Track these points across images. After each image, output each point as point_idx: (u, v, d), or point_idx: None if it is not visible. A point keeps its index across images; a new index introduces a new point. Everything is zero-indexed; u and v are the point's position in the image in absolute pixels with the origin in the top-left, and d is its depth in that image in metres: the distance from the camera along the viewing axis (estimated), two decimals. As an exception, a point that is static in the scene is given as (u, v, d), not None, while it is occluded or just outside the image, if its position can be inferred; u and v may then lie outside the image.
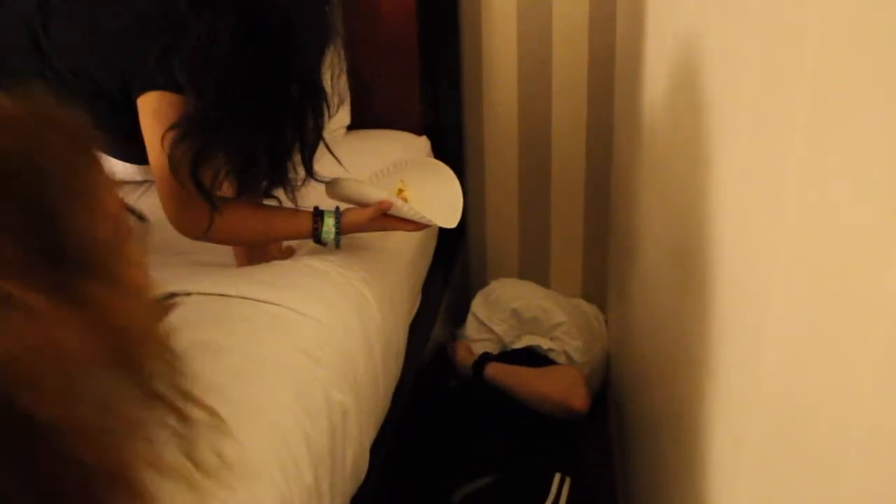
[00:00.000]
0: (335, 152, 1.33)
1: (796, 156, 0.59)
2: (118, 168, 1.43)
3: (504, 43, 2.07)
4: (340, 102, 1.33)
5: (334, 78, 1.28)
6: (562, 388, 1.78)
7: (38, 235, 0.61)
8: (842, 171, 0.51)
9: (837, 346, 0.52)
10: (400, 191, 1.40)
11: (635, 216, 1.61)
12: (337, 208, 1.35)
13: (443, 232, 1.92)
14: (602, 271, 2.26)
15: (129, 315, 0.66)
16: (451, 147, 2.10)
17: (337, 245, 1.36)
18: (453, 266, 2.09)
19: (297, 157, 1.27)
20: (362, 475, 1.23)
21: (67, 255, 0.62)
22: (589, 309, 2.23)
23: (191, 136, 1.15)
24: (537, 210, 2.25)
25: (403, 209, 1.32)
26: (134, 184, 1.70)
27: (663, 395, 1.24)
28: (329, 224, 1.33)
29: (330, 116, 1.29)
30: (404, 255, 1.59)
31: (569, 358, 2.02)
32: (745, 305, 0.76)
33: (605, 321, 2.21)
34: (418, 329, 1.65)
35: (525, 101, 2.13)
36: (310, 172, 1.30)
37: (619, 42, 1.93)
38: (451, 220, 1.37)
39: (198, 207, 1.23)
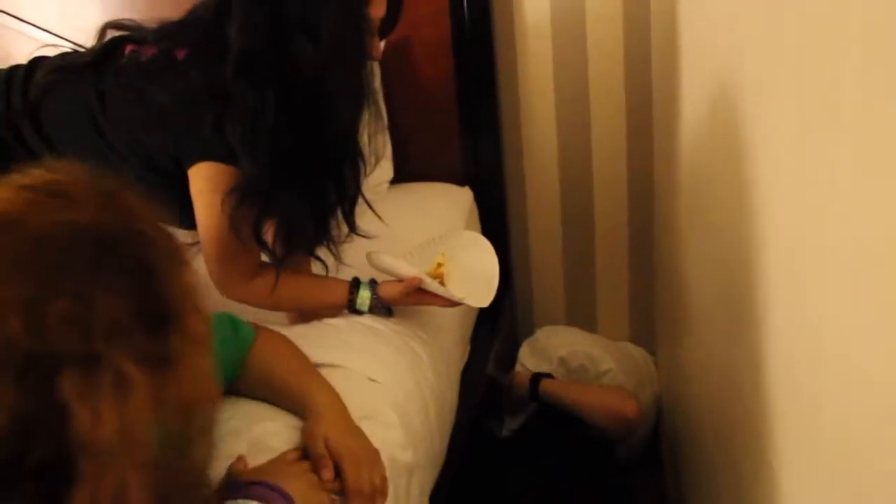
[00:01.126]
0: (378, 206, 1.38)
1: (841, 198, 0.59)
2: None
3: (542, 92, 2.10)
4: (377, 160, 1.38)
5: (371, 136, 1.33)
6: (613, 398, 1.86)
7: (142, 298, 0.66)
8: (891, 209, 0.50)
9: (894, 393, 0.51)
10: (439, 265, 1.42)
11: (680, 259, 1.60)
12: (373, 280, 1.39)
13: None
14: (649, 314, 2.26)
15: (198, 368, 0.70)
16: (493, 196, 2.12)
17: (389, 313, 1.39)
18: (500, 315, 2.10)
19: (339, 214, 1.32)
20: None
21: (162, 313, 0.67)
22: (637, 352, 2.22)
23: (249, 199, 1.22)
24: (581, 255, 2.26)
25: (433, 286, 1.34)
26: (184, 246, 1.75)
27: (719, 440, 1.22)
28: (364, 296, 1.37)
29: (367, 174, 1.34)
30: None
31: None
32: (799, 350, 0.75)
33: (655, 363, 2.19)
34: (469, 380, 1.66)
35: (565, 148, 2.15)
36: (352, 228, 1.34)
37: (656, 88, 1.95)
38: (484, 300, 1.38)
39: (246, 264, 1.29)
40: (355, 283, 1.38)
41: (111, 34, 1.35)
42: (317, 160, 1.26)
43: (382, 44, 1.35)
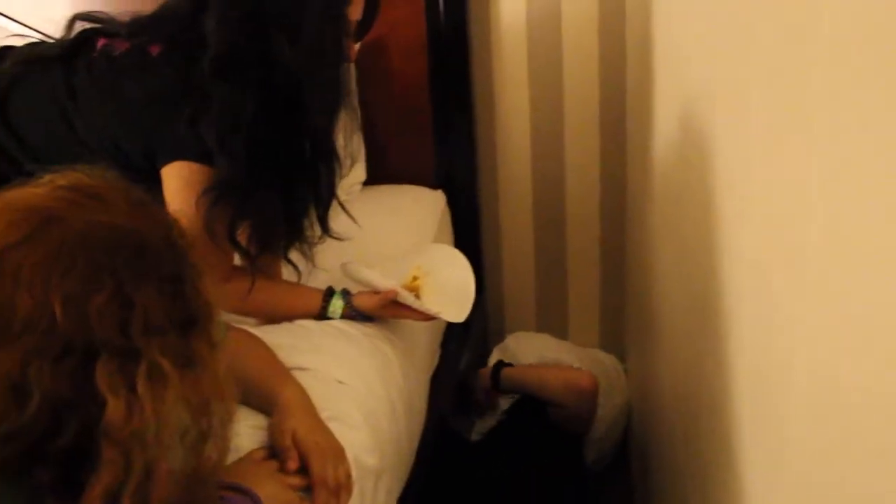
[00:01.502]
0: (351, 208, 1.36)
1: (811, 207, 0.60)
2: None
3: (517, 96, 2.10)
4: (353, 162, 1.37)
5: (347, 138, 1.32)
6: (570, 372, 1.99)
7: (176, 304, 0.71)
8: (860, 219, 0.51)
9: (862, 402, 0.52)
10: (415, 278, 1.41)
11: (651, 266, 1.61)
12: (346, 290, 1.37)
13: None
14: (620, 320, 2.26)
15: (216, 371, 0.74)
16: (466, 200, 2.12)
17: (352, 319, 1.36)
18: (471, 321, 2.09)
19: (313, 216, 1.31)
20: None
21: (190, 318, 0.72)
22: (607, 359, 2.22)
23: (224, 199, 1.19)
24: (553, 261, 2.26)
25: (409, 300, 1.33)
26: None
27: (687, 447, 1.23)
28: (336, 305, 1.35)
29: (342, 176, 1.32)
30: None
31: None
32: (767, 358, 0.75)
33: (625, 370, 2.20)
34: (439, 385, 1.65)
35: (538, 153, 2.15)
36: (325, 230, 1.33)
37: (630, 96, 1.96)
38: (459, 315, 1.38)
39: (219, 267, 1.26)
40: (329, 293, 1.36)
41: (81, 26, 1.32)
42: (293, 160, 1.24)
43: (357, 46, 1.34)
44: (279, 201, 1.24)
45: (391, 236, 1.51)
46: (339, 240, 1.35)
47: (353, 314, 1.36)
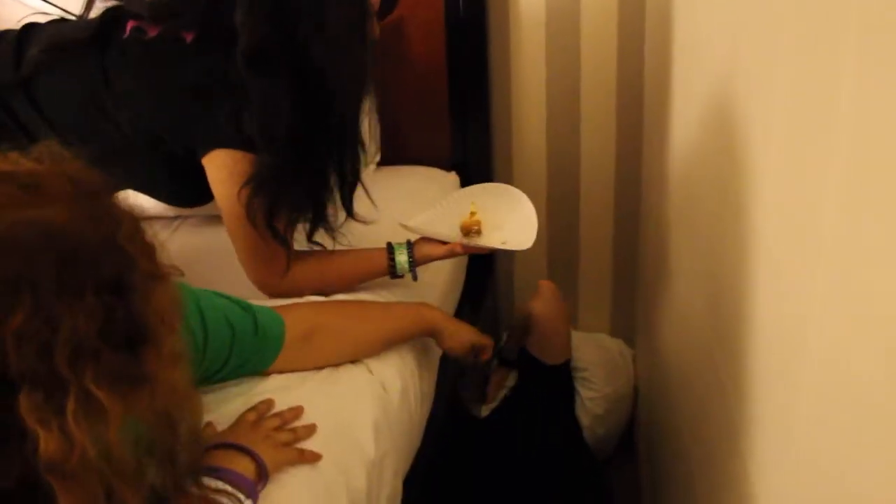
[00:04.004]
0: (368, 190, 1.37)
1: (831, 199, 0.59)
2: (149, 204, 1.46)
3: (533, 81, 2.09)
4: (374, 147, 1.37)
5: (371, 121, 1.33)
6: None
7: (117, 321, 0.61)
8: (878, 213, 0.50)
9: (876, 390, 0.51)
10: (472, 213, 1.44)
11: (664, 252, 1.61)
12: (409, 241, 1.40)
13: (471, 267, 1.94)
14: (631, 307, 2.26)
15: (172, 382, 0.67)
16: (479, 182, 2.11)
17: (414, 278, 1.41)
18: (482, 303, 2.10)
19: (338, 200, 1.32)
20: (396, 513, 1.23)
21: (134, 334, 0.63)
22: (613, 344, 2.22)
23: (265, 188, 1.21)
24: (566, 245, 2.26)
25: (472, 243, 1.38)
26: (166, 220, 1.74)
27: (694, 433, 1.23)
28: (402, 260, 1.38)
29: (366, 163, 1.34)
30: (437, 288, 1.62)
31: (580, 397, 2.01)
32: (779, 348, 0.75)
33: (634, 357, 2.20)
34: (447, 367, 1.66)
35: (554, 137, 2.14)
36: (350, 213, 1.34)
37: (648, 79, 1.95)
38: (525, 241, 1.39)
39: (277, 258, 1.29)
40: (390, 249, 1.39)
41: (101, 3, 1.32)
42: (323, 147, 1.25)
43: (378, 27, 1.34)
44: (312, 187, 1.27)
45: (403, 217, 1.51)
46: (363, 223, 1.36)
47: (420, 261, 1.39)
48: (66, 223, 0.60)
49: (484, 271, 2.12)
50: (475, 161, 2.09)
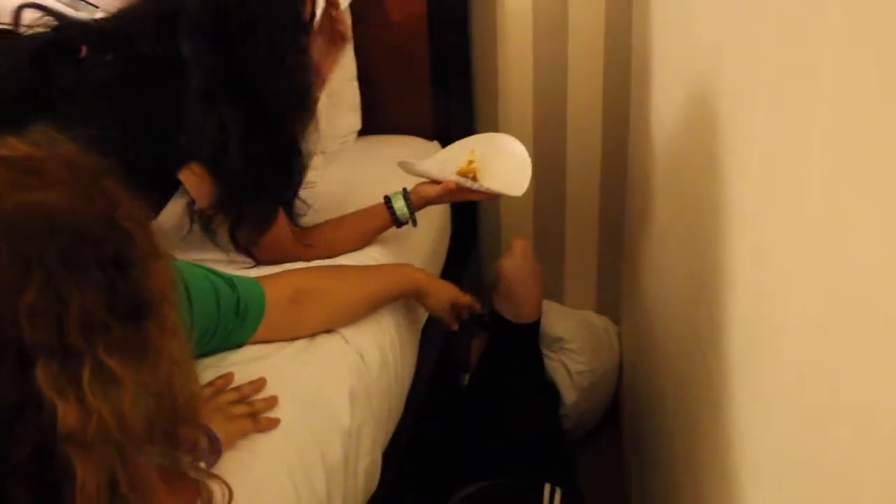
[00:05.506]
0: (344, 156, 1.49)
1: (814, 171, 0.59)
2: None
3: (519, 46, 2.05)
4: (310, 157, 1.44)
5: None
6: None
7: (121, 292, 0.65)
8: (857, 189, 0.51)
9: (854, 362, 0.52)
10: (470, 161, 1.49)
11: (649, 228, 1.60)
12: (404, 188, 1.46)
13: (454, 240, 1.92)
14: (617, 284, 2.24)
15: (173, 354, 0.70)
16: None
17: (414, 223, 1.47)
18: (464, 276, 2.08)
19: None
20: (374, 485, 1.22)
21: (142, 304, 0.67)
22: (598, 320, 2.21)
23: (223, 211, 1.27)
24: (551, 221, 2.23)
25: (468, 184, 1.43)
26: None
27: (678, 410, 1.23)
28: (399, 206, 1.44)
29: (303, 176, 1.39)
30: (421, 252, 1.62)
31: (567, 371, 2.00)
32: (761, 321, 0.76)
33: (619, 333, 2.19)
34: (429, 338, 1.64)
35: (539, 107, 2.10)
36: (293, 221, 1.40)
37: (635, 53, 1.92)
38: (518, 188, 1.43)
39: (295, 243, 1.37)
40: (387, 200, 1.45)
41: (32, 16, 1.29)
42: (276, 168, 1.30)
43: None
44: (271, 202, 1.33)
45: (383, 186, 1.50)
46: (301, 228, 1.41)
47: (418, 205, 1.45)
48: (67, 204, 0.64)
49: (466, 243, 2.10)
50: (457, 130, 2.06)
